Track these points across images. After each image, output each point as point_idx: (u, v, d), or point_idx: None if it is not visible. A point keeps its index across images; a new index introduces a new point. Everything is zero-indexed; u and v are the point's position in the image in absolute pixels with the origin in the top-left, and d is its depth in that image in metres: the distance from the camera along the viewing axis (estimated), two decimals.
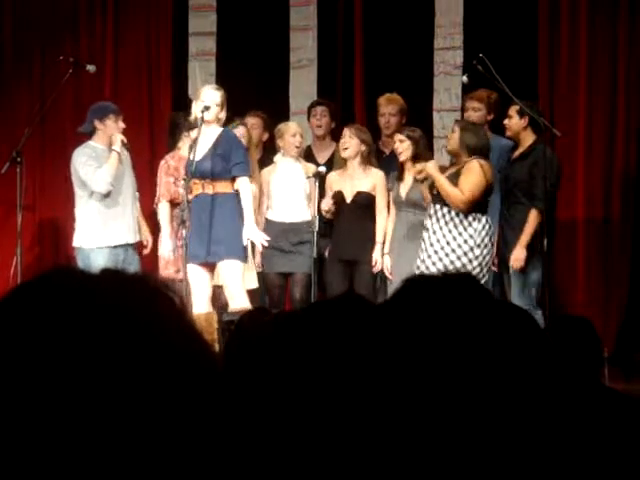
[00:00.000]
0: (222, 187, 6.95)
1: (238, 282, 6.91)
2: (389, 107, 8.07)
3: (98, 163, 7.44)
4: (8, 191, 8.09)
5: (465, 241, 6.90)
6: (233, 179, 6.99)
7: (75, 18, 9.14)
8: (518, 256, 7.11)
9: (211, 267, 7.01)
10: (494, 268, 7.37)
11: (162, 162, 7.73)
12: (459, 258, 6.88)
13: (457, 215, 6.94)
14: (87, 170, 7.44)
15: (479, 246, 6.89)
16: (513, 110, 7.30)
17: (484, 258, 6.90)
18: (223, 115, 7.08)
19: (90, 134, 7.61)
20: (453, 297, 1.84)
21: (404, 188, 7.46)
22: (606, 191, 8.48)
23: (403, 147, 7.40)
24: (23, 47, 9.10)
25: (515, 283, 7.18)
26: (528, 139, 7.30)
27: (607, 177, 8.49)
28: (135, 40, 9.18)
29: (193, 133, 7.50)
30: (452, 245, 6.92)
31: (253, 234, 6.98)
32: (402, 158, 7.40)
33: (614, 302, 8.41)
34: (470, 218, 6.92)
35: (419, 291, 1.83)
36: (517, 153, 7.35)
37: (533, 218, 7.11)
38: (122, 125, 7.56)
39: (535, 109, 7.42)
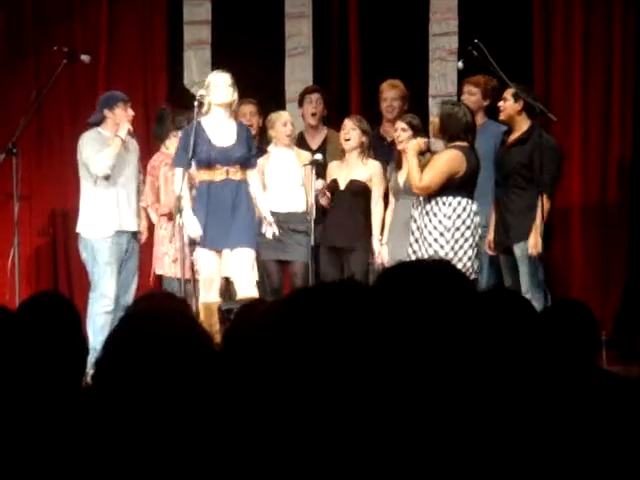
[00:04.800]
0: (244, 175, 7.09)
1: (249, 271, 6.96)
2: (392, 92, 8.06)
3: (101, 147, 7.50)
4: (4, 182, 8.09)
5: (435, 227, 6.86)
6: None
7: (69, 8, 9.12)
8: (535, 243, 7.06)
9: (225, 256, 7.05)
10: (489, 252, 7.36)
11: (149, 167, 7.75)
12: (430, 245, 6.85)
13: (428, 201, 6.90)
14: (89, 152, 7.51)
15: (449, 230, 6.82)
16: (508, 93, 7.29)
17: (456, 241, 6.81)
18: (236, 96, 7.14)
19: (99, 124, 7.66)
20: (429, 284, 1.84)
21: (402, 176, 7.44)
22: (602, 175, 8.48)
23: (404, 136, 7.37)
24: (17, 37, 9.08)
25: (525, 269, 7.14)
26: (523, 124, 7.29)
27: (603, 161, 8.49)
28: (129, 29, 9.16)
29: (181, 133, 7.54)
30: (424, 232, 6.90)
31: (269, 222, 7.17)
32: (401, 146, 7.38)
33: (612, 286, 8.42)
34: (440, 204, 6.85)
35: (396, 279, 1.84)
36: (513, 138, 7.32)
37: (544, 203, 7.05)
38: (131, 112, 7.64)
39: (531, 93, 7.41)
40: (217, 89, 7.07)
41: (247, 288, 6.89)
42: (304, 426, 1.61)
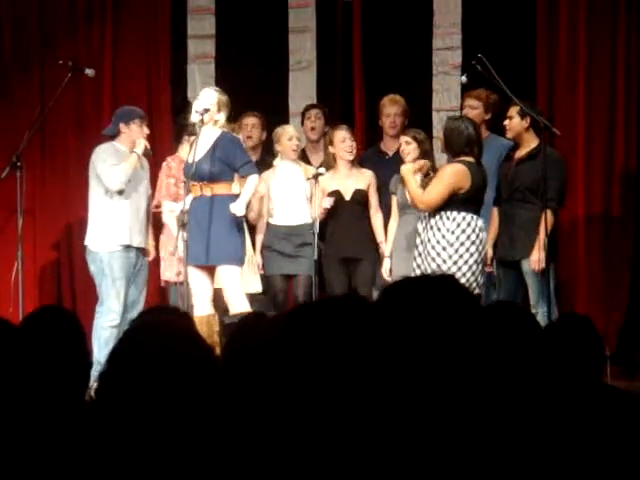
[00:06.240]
0: (220, 189, 6.98)
1: (236, 287, 6.94)
2: (394, 107, 8.08)
3: (117, 161, 7.50)
4: (8, 196, 8.09)
5: (438, 241, 6.85)
6: (231, 181, 7.04)
7: (74, 22, 9.13)
8: (538, 257, 7.07)
9: (211, 269, 7.02)
10: (487, 268, 7.29)
11: (164, 164, 7.79)
12: (434, 259, 6.83)
13: (432, 216, 6.88)
14: (104, 166, 7.51)
15: (452, 245, 6.81)
16: (514, 111, 7.28)
17: (460, 256, 6.79)
18: (220, 117, 7.06)
19: (113, 137, 7.66)
20: (431, 299, 1.84)
21: None
22: (606, 189, 8.47)
23: (409, 149, 7.39)
24: (22, 51, 9.09)
25: (533, 284, 7.13)
26: (532, 140, 7.27)
27: (607, 176, 8.48)
28: (134, 43, 9.17)
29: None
30: (427, 247, 6.88)
31: (236, 208, 6.89)
32: (408, 160, 7.39)
33: (616, 301, 8.40)
34: (444, 218, 6.83)
35: (398, 294, 1.84)
36: (523, 153, 7.29)
37: (549, 218, 7.07)
38: (146, 130, 7.64)
39: (534, 108, 7.41)
40: (195, 102, 7.10)
41: (237, 304, 6.90)
42: (305, 438, 1.61)
